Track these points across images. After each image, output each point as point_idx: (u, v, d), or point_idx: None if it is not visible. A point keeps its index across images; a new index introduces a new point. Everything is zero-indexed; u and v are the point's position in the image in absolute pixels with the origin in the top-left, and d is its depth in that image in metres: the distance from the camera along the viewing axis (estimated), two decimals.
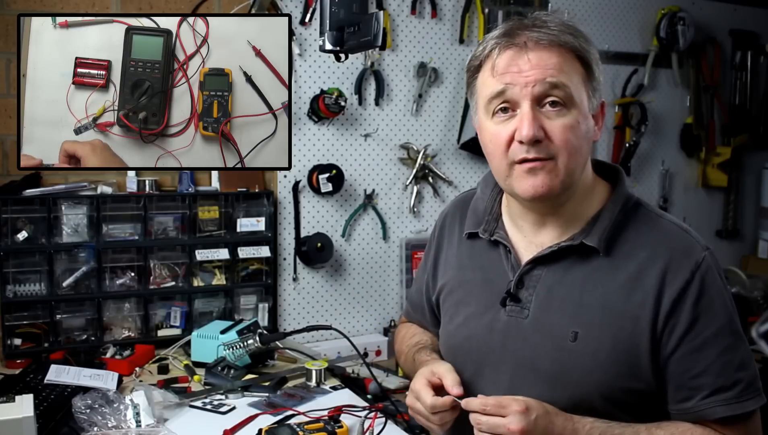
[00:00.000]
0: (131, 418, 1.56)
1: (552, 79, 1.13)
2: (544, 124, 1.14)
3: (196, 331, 2.11)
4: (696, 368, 1.15)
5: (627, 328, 1.16)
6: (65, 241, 2.17)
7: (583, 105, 1.17)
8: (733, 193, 3.62)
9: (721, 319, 1.15)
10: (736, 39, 3.55)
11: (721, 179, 3.51)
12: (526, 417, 1.08)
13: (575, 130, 1.15)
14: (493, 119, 1.19)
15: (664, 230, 1.21)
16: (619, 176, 1.28)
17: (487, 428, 1.10)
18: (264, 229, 2.42)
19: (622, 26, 3.21)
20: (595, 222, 1.22)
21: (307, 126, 2.55)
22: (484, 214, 1.33)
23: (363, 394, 1.95)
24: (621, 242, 1.20)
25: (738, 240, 3.70)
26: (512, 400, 1.10)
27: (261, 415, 1.68)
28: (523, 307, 1.24)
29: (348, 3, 1.80)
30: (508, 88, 1.15)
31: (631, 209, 1.24)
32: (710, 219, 3.61)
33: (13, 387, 1.76)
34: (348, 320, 2.68)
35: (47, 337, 2.16)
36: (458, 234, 1.39)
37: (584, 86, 1.17)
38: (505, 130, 1.17)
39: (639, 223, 1.22)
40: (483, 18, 2.79)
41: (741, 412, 1.14)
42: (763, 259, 3.62)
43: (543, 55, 1.14)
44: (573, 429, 1.13)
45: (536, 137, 1.13)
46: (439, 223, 1.47)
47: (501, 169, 1.20)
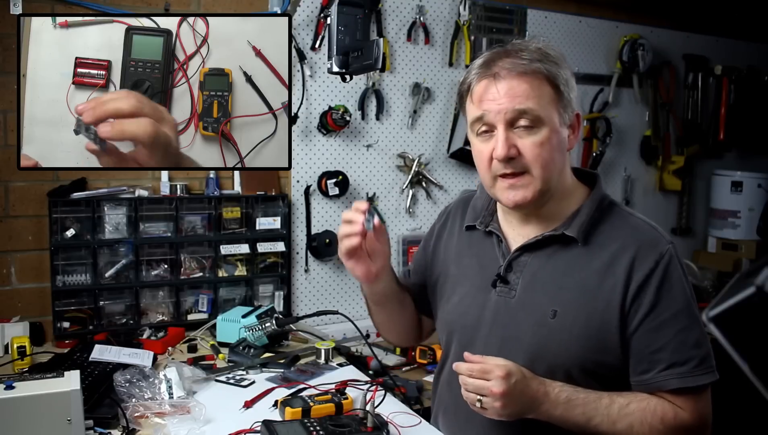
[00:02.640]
0: (164, 391, 1.55)
1: (520, 106, 1.15)
2: (517, 143, 1.17)
3: (220, 316, 2.10)
4: (655, 344, 1.15)
5: (600, 308, 1.17)
6: (107, 238, 2.17)
7: (553, 121, 1.18)
8: (686, 196, 3.62)
9: (680, 304, 1.16)
10: (689, 62, 3.55)
11: (676, 184, 3.50)
12: (506, 381, 1.09)
13: (545, 145, 1.17)
14: (478, 138, 1.22)
15: (634, 225, 1.22)
16: (596, 180, 1.29)
17: (473, 389, 1.12)
18: (279, 227, 2.42)
19: (590, 51, 3.20)
20: (574, 217, 1.23)
21: (317, 138, 2.55)
22: (482, 210, 1.36)
23: (365, 370, 1.95)
24: (597, 234, 1.21)
25: (690, 237, 3.69)
26: (495, 366, 1.11)
27: (277, 388, 1.68)
28: (511, 289, 1.25)
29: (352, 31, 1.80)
30: (485, 114, 1.18)
31: (606, 207, 1.25)
32: (666, 218, 3.61)
33: (63, 364, 1.76)
34: (352, 306, 2.67)
35: (92, 321, 2.15)
36: (459, 226, 1.41)
37: (554, 105, 1.18)
38: (486, 148, 1.20)
39: (613, 218, 1.24)
40: (469, 44, 2.79)
41: (693, 385, 1.15)
42: (712, 253, 3.62)
43: (513, 84, 1.16)
44: (545, 391, 1.14)
45: (509, 156, 1.16)
46: (443, 215, 1.50)
47: (486, 180, 1.24)
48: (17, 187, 2.11)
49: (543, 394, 1.14)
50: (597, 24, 3.20)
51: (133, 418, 1.45)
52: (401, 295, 1.44)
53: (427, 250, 1.48)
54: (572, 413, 1.14)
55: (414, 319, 1.51)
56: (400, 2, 2.67)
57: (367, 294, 1.43)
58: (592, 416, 1.15)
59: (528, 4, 2.97)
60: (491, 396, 1.09)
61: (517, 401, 1.11)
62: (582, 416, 1.15)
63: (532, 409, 1.14)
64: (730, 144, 3.67)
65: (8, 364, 1.83)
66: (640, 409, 1.16)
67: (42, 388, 1.24)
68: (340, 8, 1.79)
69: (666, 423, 1.15)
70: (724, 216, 3.57)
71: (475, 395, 1.11)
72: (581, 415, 1.14)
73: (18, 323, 2.02)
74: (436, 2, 2.75)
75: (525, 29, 2.96)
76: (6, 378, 1.28)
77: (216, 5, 2.34)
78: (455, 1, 2.78)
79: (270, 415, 1.48)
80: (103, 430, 1.42)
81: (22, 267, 2.14)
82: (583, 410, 1.14)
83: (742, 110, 3.64)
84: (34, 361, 1.86)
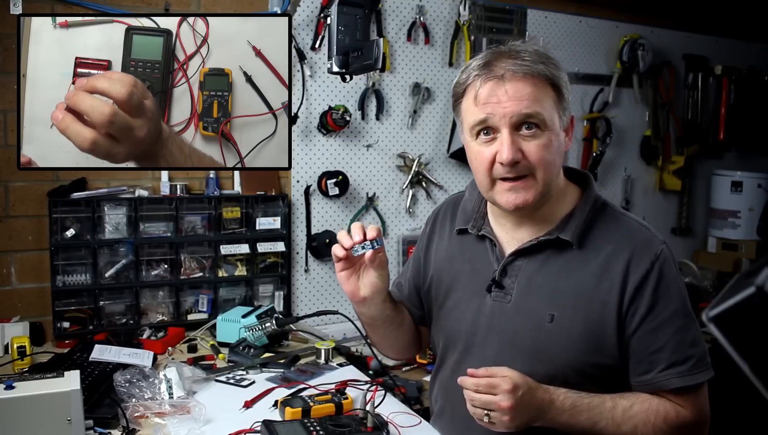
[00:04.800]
0: (164, 391, 1.56)
1: (527, 110, 1.13)
2: (521, 146, 1.15)
3: (220, 316, 2.11)
4: (654, 345, 1.15)
5: (596, 311, 1.17)
6: (107, 238, 2.17)
7: (555, 125, 1.17)
8: (686, 196, 3.62)
9: (676, 303, 1.16)
10: (689, 62, 3.55)
11: (676, 184, 3.50)
12: (514, 395, 1.09)
13: (548, 147, 1.16)
14: (477, 140, 1.19)
15: (627, 227, 1.22)
16: (588, 181, 1.28)
17: (480, 404, 1.11)
18: (279, 227, 2.42)
19: (590, 51, 3.20)
20: (568, 220, 1.22)
21: (317, 138, 2.55)
22: (473, 213, 1.33)
23: (365, 370, 1.95)
24: (591, 237, 1.21)
25: (690, 237, 3.69)
26: (501, 380, 1.09)
27: (277, 388, 1.68)
28: (507, 293, 1.24)
29: (352, 31, 1.80)
30: (489, 118, 1.15)
31: (599, 209, 1.24)
32: (666, 218, 3.61)
33: (63, 364, 1.76)
34: (352, 306, 2.66)
35: (92, 321, 2.15)
36: (449, 230, 1.39)
37: (556, 108, 1.17)
38: (488, 151, 1.17)
39: (606, 220, 1.23)
40: (469, 44, 2.79)
41: (693, 383, 1.16)
42: (712, 253, 3.62)
43: (518, 86, 1.14)
44: (550, 399, 1.14)
45: (515, 159, 1.14)
46: (431, 219, 1.46)
47: (484, 183, 1.20)
48: (17, 187, 2.12)
49: (548, 402, 1.13)
50: (597, 24, 3.20)
51: (133, 418, 1.45)
52: (397, 319, 1.39)
53: (419, 256, 1.45)
54: (577, 419, 1.14)
55: (411, 335, 1.46)
56: (400, 2, 2.67)
57: (357, 314, 1.39)
58: (597, 420, 1.15)
59: (528, 4, 2.97)
60: (500, 411, 1.08)
61: (524, 413, 1.10)
62: (587, 421, 1.15)
63: (538, 418, 1.13)
64: (730, 144, 3.67)
65: (8, 364, 1.83)
66: (643, 410, 1.16)
67: (42, 388, 1.24)
68: (340, 8, 1.79)
69: (669, 422, 1.16)
70: (724, 216, 3.57)
71: (483, 410, 1.10)
72: (586, 420, 1.15)
73: (18, 323, 2.02)
74: (436, 2, 2.75)
75: (525, 29, 2.96)
76: (6, 378, 1.29)
77: (216, 5, 2.35)
78: (455, 1, 2.78)
79: (270, 415, 1.48)
80: (103, 430, 1.42)
81: (22, 267, 2.14)
82: (588, 415, 1.15)
83: (742, 110, 3.64)
84: (34, 361, 1.86)
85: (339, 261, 1.25)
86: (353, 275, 1.26)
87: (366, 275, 1.26)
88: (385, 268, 1.27)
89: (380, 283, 1.26)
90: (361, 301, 1.29)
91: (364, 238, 1.22)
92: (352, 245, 1.22)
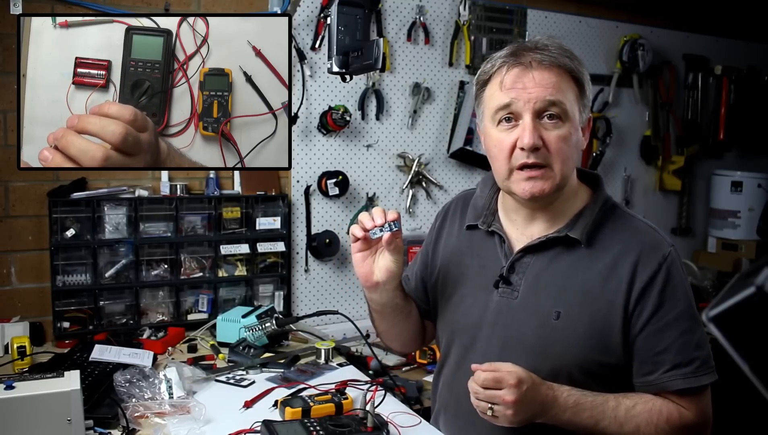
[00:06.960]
0: (164, 391, 1.55)
1: (551, 97, 1.15)
2: (542, 134, 1.16)
3: (220, 316, 2.11)
4: (659, 346, 1.16)
5: (603, 310, 1.17)
6: (107, 238, 2.17)
7: (575, 119, 1.18)
8: (686, 196, 3.62)
9: (682, 305, 1.16)
10: (689, 62, 3.55)
11: (676, 184, 3.50)
12: (518, 389, 1.09)
13: (568, 140, 1.17)
14: (498, 127, 1.20)
15: (636, 228, 1.23)
16: (599, 182, 1.30)
17: (484, 398, 1.11)
18: (280, 227, 2.42)
19: (590, 51, 3.20)
20: (578, 218, 1.23)
21: (317, 138, 2.55)
22: (483, 209, 1.34)
23: (365, 370, 1.95)
24: (600, 237, 1.21)
25: (690, 237, 3.69)
26: (506, 374, 1.10)
27: (277, 388, 1.68)
28: (514, 290, 1.24)
29: (352, 31, 1.79)
30: (514, 102, 1.16)
31: (609, 209, 1.25)
32: (666, 218, 3.61)
33: (63, 364, 1.76)
34: (352, 306, 2.67)
35: (92, 321, 2.15)
36: (459, 225, 1.40)
37: (577, 103, 1.19)
38: (508, 138, 1.18)
39: (615, 221, 1.24)
40: (469, 44, 2.79)
41: (696, 386, 1.16)
42: (712, 253, 3.62)
43: (544, 75, 1.15)
44: (553, 396, 1.14)
45: (536, 145, 1.15)
46: (441, 214, 1.48)
47: (502, 171, 1.21)
48: (17, 187, 2.12)
49: (552, 398, 1.14)
50: (597, 24, 3.20)
51: (133, 418, 1.45)
52: (406, 308, 1.40)
53: (427, 250, 1.47)
54: (580, 417, 1.15)
55: (417, 327, 1.47)
56: (400, 2, 2.67)
57: (367, 299, 1.39)
58: (600, 419, 1.15)
59: (528, 4, 2.97)
60: (503, 404, 1.09)
61: (527, 408, 1.11)
62: (590, 419, 1.15)
63: (541, 415, 1.14)
64: (730, 144, 3.67)
65: (8, 364, 1.83)
66: (645, 411, 1.16)
67: (42, 388, 1.24)
68: (340, 8, 1.78)
69: (671, 423, 1.16)
70: (724, 216, 3.57)
71: (486, 404, 1.11)
72: (589, 418, 1.15)
73: (18, 323, 2.02)
74: (436, 2, 2.75)
75: (525, 29, 2.96)
76: (6, 378, 1.28)
77: (216, 5, 2.34)
78: (455, 1, 2.78)
79: (270, 415, 1.48)
80: (103, 430, 1.42)
81: (22, 267, 2.14)
82: (591, 413, 1.15)
83: (742, 110, 3.64)
84: (34, 361, 1.86)
85: (356, 241, 1.26)
86: (369, 258, 1.27)
87: (381, 259, 1.27)
88: (401, 253, 1.28)
89: (395, 268, 1.27)
90: (373, 286, 1.29)
91: (383, 219, 1.24)
92: (372, 227, 1.23)
